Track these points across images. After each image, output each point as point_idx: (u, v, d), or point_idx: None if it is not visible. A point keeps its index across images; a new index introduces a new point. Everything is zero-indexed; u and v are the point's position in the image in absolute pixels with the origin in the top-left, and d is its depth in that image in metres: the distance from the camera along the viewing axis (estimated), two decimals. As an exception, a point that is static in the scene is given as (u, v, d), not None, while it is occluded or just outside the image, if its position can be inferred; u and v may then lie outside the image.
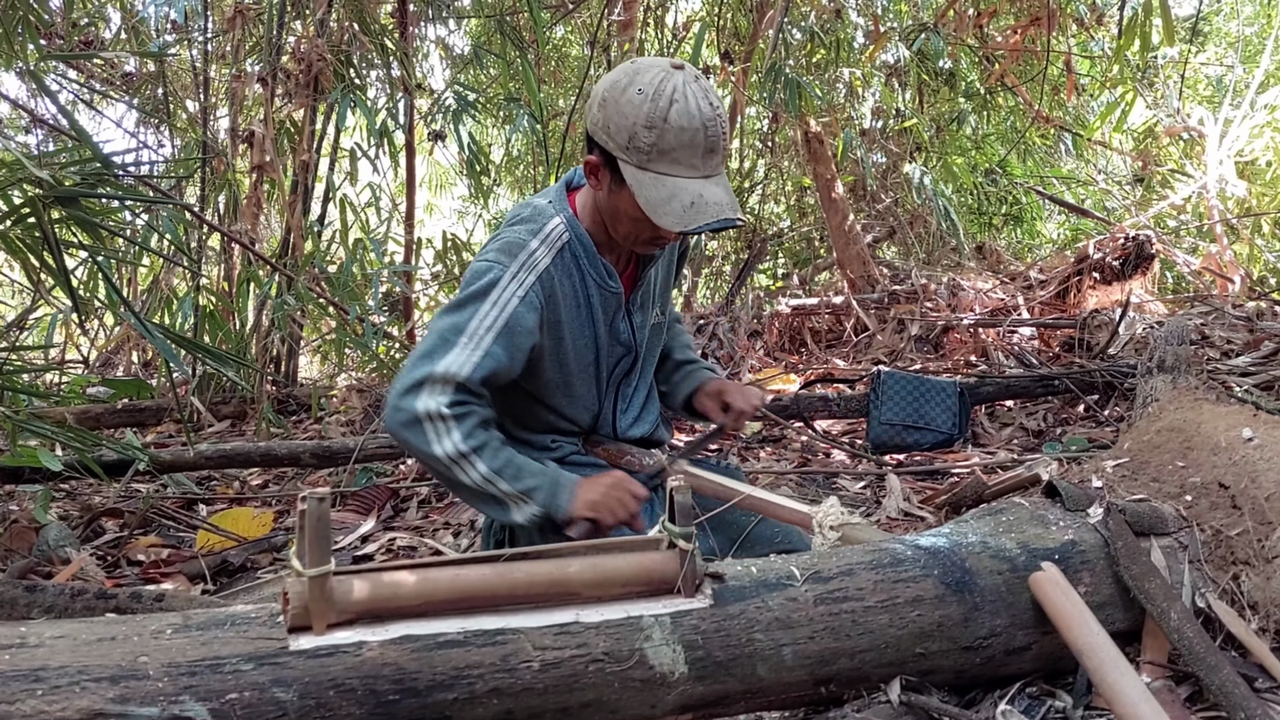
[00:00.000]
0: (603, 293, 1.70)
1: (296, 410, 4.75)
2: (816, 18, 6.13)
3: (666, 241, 1.66)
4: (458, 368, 1.54)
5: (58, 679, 0.90)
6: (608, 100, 1.52)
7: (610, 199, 1.60)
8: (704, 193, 1.51)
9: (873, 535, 1.50)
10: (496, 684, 1.04)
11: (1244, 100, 7.00)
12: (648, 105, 1.48)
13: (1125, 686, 1.12)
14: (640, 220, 1.56)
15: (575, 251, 1.67)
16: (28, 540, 2.53)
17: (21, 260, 2.26)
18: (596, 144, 1.57)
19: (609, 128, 1.52)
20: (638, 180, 1.51)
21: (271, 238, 5.39)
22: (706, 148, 1.52)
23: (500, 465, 1.57)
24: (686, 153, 1.50)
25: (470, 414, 1.57)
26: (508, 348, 1.58)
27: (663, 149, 1.49)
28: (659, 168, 1.50)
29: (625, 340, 1.77)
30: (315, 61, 4.54)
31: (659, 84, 1.49)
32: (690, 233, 1.51)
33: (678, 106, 1.48)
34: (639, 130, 1.48)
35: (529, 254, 1.61)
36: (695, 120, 1.49)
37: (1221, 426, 1.57)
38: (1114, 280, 5.19)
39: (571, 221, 1.68)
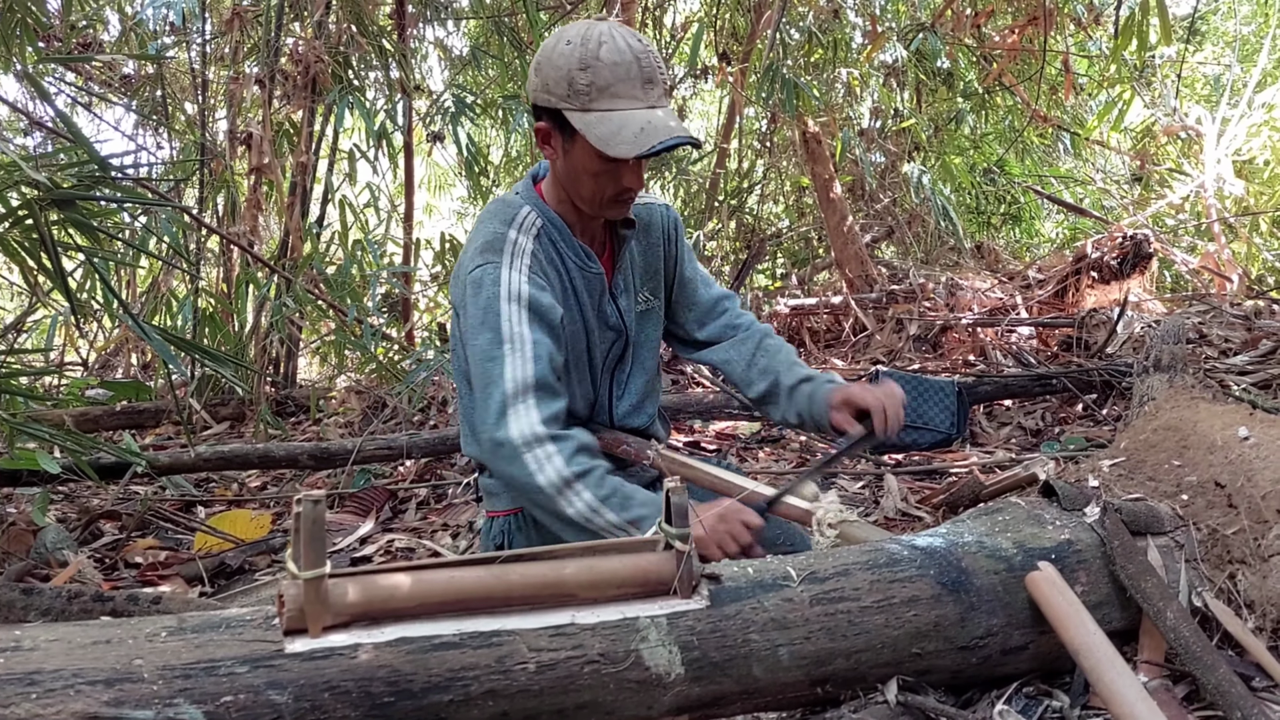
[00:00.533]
0: (585, 275, 1.71)
1: (295, 412, 4.75)
2: (814, 18, 6.14)
3: (633, 195, 1.64)
4: (522, 374, 1.52)
5: (52, 682, 0.90)
6: (541, 62, 1.56)
7: (567, 161, 1.60)
8: (651, 119, 1.52)
9: (872, 534, 1.50)
10: (492, 686, 1.04)
11: (1241, 99, 7.01)
12: (578, 50, 1.52)
13: (1122, 686, 1.12)
14: (600, 173, 1.57)
15: (551, 236, 1.68)
16: (25, 543, 2.53)
17: (19, 263, 2.26)
18: (542, 109, 1.58)
19: (547, 85, 1.55)
20: (584, 122, 1.52)
21: (270, 239, 5.40)
22: (644, 78, 1.54)
23: (607, 494, 1.50)
24: (625, 85, 1.52)
25: (569, 437, 1.53)
26: (544, 329, 1.58)
27: (601, 85, 1.51)
28: (602, 105, 1.52)
29: (614, 324, 1.76)
30: (313, 63, 4.55)
31: (585, 32, 1.53)
32: (645, 155, 1.51)
33: (606, 45, 1.52)
34: (574, 74, 1.51)
35: (512, 243, 1.62)
36: (627, 54, 1.52)
37: (1218, 425, 1.57)
38: (1112, 279, 5.20)
39: (541, 207, 1.69)
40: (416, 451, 3.25)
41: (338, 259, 4.62)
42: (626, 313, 1.78)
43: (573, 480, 1.49)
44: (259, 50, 4.85)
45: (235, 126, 4.90)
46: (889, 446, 3.49)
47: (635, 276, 1.81)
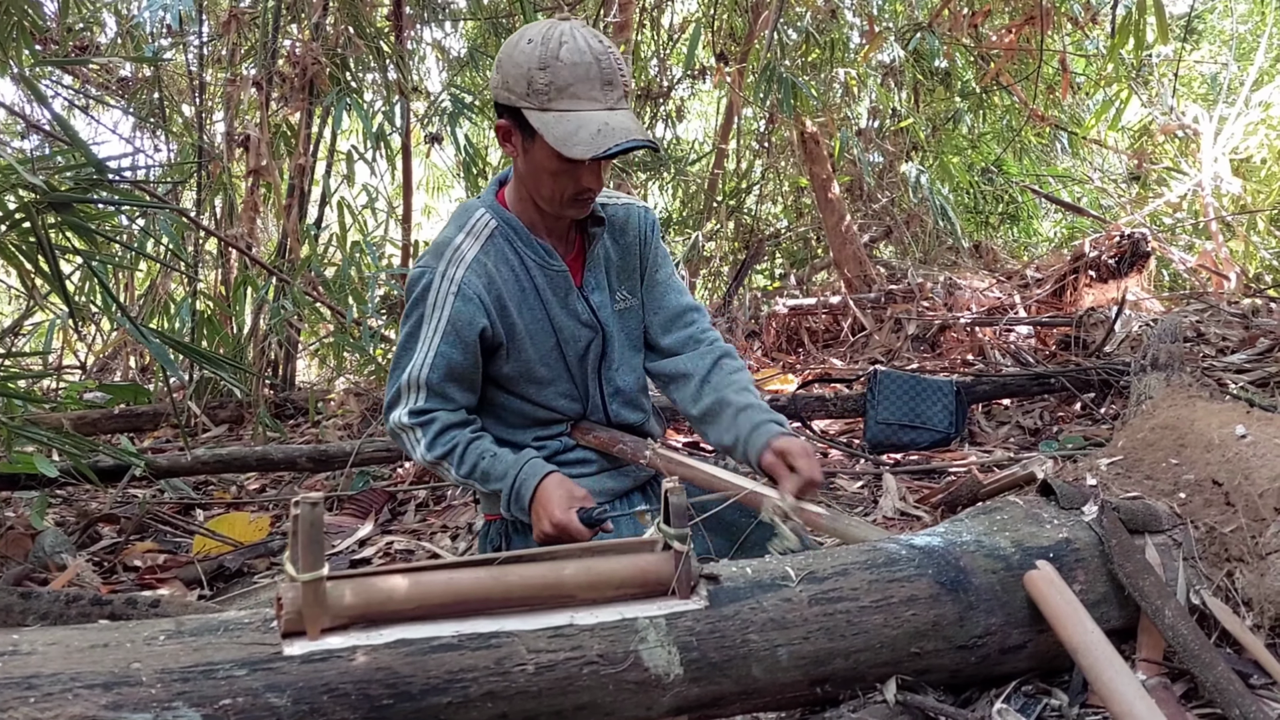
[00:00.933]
0: (547, 273, 1.71)
1: (294, 414, 4.75)
2: (812, 18, 6.14)
3: (592, 195, 1.65)
4: (417, 372, 1.67)
5: (50, 686, 0.90)
6: (502, 60, 1.58)
7: (527, 159, 1.62)
8: (609, 120, 1.53)
9: (847, 526, 1.51)
10: (491, 687, 1.04)
11: (1239, 98, 7.02)
12: (539, 49, 1.53)
13: (1120, 684, 1.13)
14: (559, 173, 1.59)
15: (507, 236, 1.70)
16: (24, 546, 2.53)
17: (17, 266, 2.26)
18: (503, 107, 1.60)
19: (507, 83, 1.56)
20: (543, 121, 1.53)
21: (269, 241, 5.40)
22: (604, 79, 1.54)
23: (468, 469, 1.67)
24: (584, 86, 1.53)
25: (432, 421, 1.68)
26: (456, 344, 1.66)
27: (559, 85, 1.52)
28: (561, 105, 1.53)
29: (588, 320, 1.76)
30: (311, 65, 4.55)
31: (546, 31, 1.54)
32: (601, 157, 1.52)
33: (567, 45, 1.53)
34: (534, 73, 1.52)
35: (454, 249, 1.67)
36: (587, 54, 1.53)
37: (1215, 424, 1.57)
38: (1110, 278, 5.20)
39: (497, 209, 1.71)
40: (415, 453, 3.24)
41: (336, 261, 4.61)
42: (600, 309, 1.78)
43: (437, 462, 1.69)
44: (256, 52, 4.86)
45: (233, 129, 4.90)
46: (889, 446, 3.49)
47: (611, 275, 1.81)
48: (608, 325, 1.79)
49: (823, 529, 1.60)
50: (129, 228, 3.84)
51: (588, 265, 1.77)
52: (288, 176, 4.83)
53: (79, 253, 2.33)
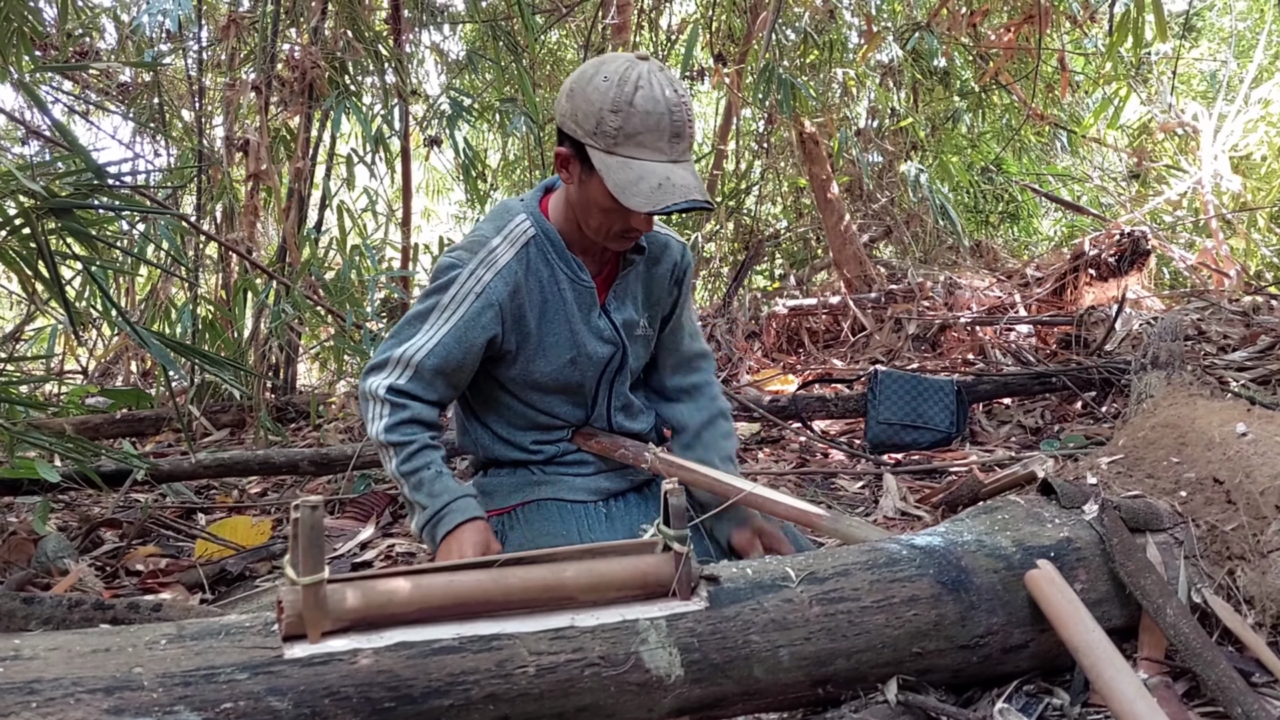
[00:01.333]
0: (576, 287, 1.72)
1: (295, 418, 4.75)
2: (810, 18, 6.14)
3: (638, 234, 1.66)
4: (413, 353, 1.66)
5: (52, 691, 0.90)
6: (575, 90, 1.55)
7: (581, 190, 1.61)
8: (671, 175, 1.53)
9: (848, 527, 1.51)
10: (492, 690, 1.04)
11: (1238, 95, 7.02)
12: (614, 91, 1.51)
13: (1122, 683, 1.13)
14: (611, 210, 1.58)
15: (542, 247, 1.70)
16: (26, 552, 2.53)
17: (17, 272, 2.26)
18: (566, 135, 1.59)
19: (576, 115, 1.55)
20: (605, 164, 1.53)
21: (269, 245, 5.40)
22: (673, 132, 1.54)
23: (409, 469, 1.67)
24: (652, 136, 1.52)
25: (405, 407, 1.67)
26: (460, 340, 1.65)
27: (629, 132, 1.51)
28: (626, 151, 1.52)
29: (610, 337, 1.77)
30: (310, 69, 4.55)
31: (624, 71, 1.52)
32: (658, 213, 1.53)
33: (643, 91, 1.51)
34: (605, 115, 1.51)
35: (489, 250, 1.67)
36: (660, 104, 1.51)
37: (1215, 422, 1.57)
38: (1110, 276, 5.20)
39: (539, 219, 1.71)
40: (416, 456, 3.24)
41: (336, 264, 4.62)
42: (623, 327, 1.78)
43: (387, 445, 1.67)
44: (255, 57, 4.86)
45: (232, 133, 4.90)
46: (890, 446, 3.49)
47: (637, 301, 1.81)
48: (628, 344, 1.80)
49: (823, 530, 1.60)
50: (129, 233, 3.85)
51: (615, 286, 1.77)
52: (287, 180, 4.83)
53: (79, 258, 2.32)
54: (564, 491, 1.81)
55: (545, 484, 1.81)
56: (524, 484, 1.82)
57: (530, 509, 1.79)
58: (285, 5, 4.77)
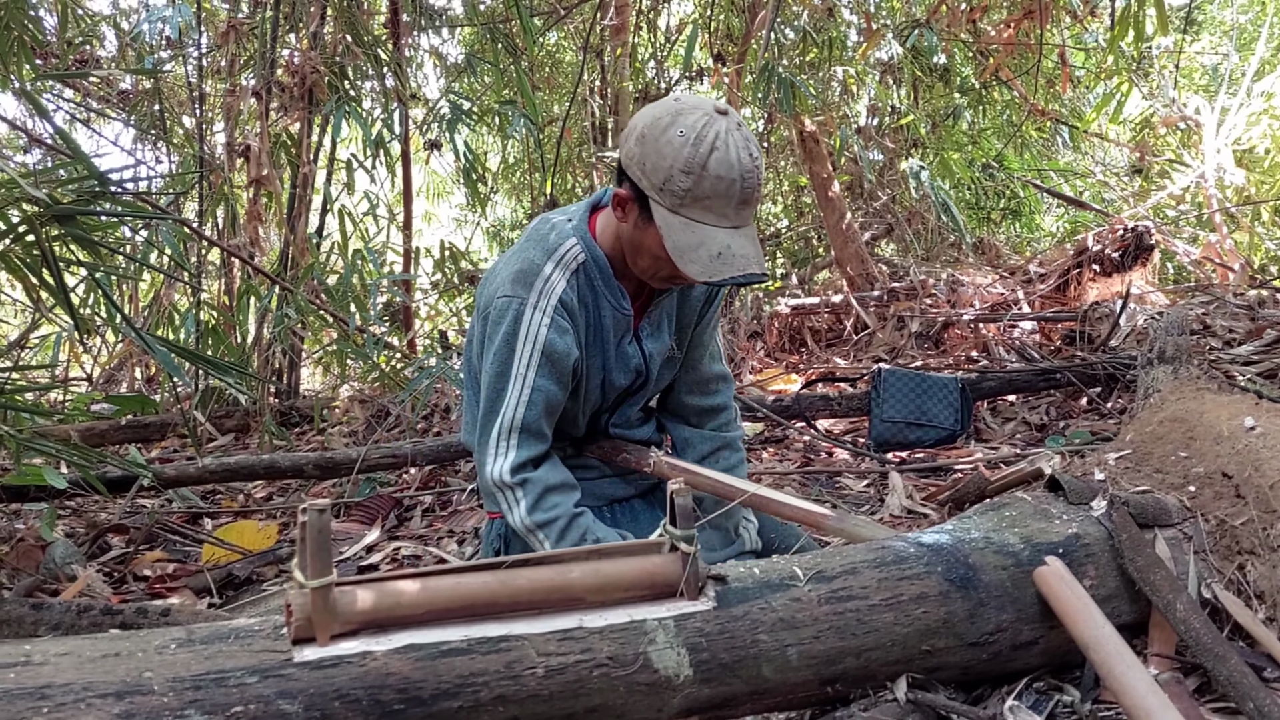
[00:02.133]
0: (615, 314, 1.69)
1: (299, 422, 4.75)
2: (809, 17, 6.14)
3: (683, 282, 1.62)
4: (512, 414, 1.60)
5: (63, 696, 0.90)
6: (647, 137, 1.49)
7: (635, 233, 1.57)
8: (732, 244, 1.48)
9: (854, 526, 1.50)
10: (501, 691, 1.04)
11: (1240, 88, 7.00)
12: (688, 149, 1.45)
13: (1133, 679, 1.12)
14: (661, 259, 1.54)
15: (590, 273, 1.65)
16: (34, 558, 2.53)
17: (21, 279, 2.27)
18: (628, 177, 1.53)
19: (645, 165, 1.49)
20: (668, 223, 1.48)
21: (271, 250, 5.40)
22: (741, 199, 1.49)
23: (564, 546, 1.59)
24: (721, 202, 1.48)
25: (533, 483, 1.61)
26: (551, 375, 1.60)
27: (697, 195, 1.46)
28: (691, 214, 1.48)
29: (636, 365, 1.74)
30: (309, 74, 4.56)
31: (702, 128, 1.46)
32: (714, 284, 1.51)
33: (718, 155, 1.45)
34: (676, 174, 1.46)
35: (545, 280, 1.61)
36: (734, 170, 1.46)
37: (1224, 416, 1.56)
38: (1114, 272, 5.19)
39: (589, 244, 1.66)
40: (421, 459, 3.25)
41: (338, 268, 4.62)
42: (651, 358, 1.76)
43: (534, 529, 1.61)
44: (255, 62, 4.86)
45: (233, 139, 4.91)
46: (894, 444, 3.49)
47: (667, 326, 1.79)
48: (653, 372, 1.78)
49: (829, 529, 1.60)
50: (132, 239, 3.85)
51: (650, 312, 1.75)
52: (289, 185, 4.83)
53: (83, 265, 2.33)
54: None
55: None
56: None
57: None
58: (284, 11, 4.78)
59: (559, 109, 7.34)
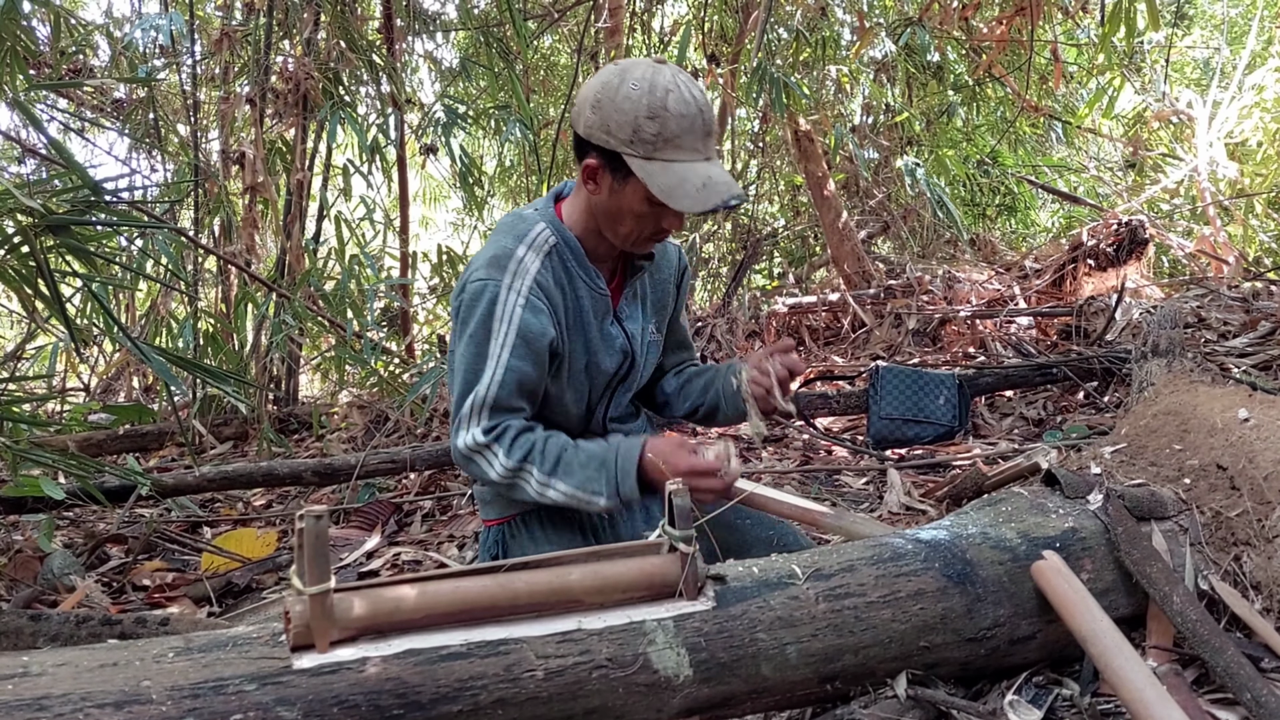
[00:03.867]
0: (593, 295, 1.71)
1: (298, 429, 4.75)
2: (802, 16, 6.15)
3: (666, 236, 1.66)
4: (484, 392, 1.59)
5: (61, 706, 0.90)
6: (602, 101, 1.54)
7: (612, 199, 1.60)
8: (711, 174, 1.54)
9: (852, 523, 1.51)
10: (501, 694, 1.04)
11: (1232, 82, 7.02)
12: (646, 97, 1.51)
13: (1131, 672, 1.12)
14: (644, 215, 1.59)
15: (563, 255, 1.68)
16: (32, 569, 2.53)
17: (17, 290, 2.27)
18: (593, 146, 1.58)
19: (608, 126, 1.54)
20: (647, 171, 1.53)
21: (268, 257, 5.41)
22: (705, 130, 1.55)
23: (551, 465, 1.58)
24: (690, 137, 1.53)
25: (504, 429, 1.61)
26: (526, 356, 1.61)
27: (667, 136, 1.52)
28: (666, 155, 1.53)
29: (622, 347, 1.76)
30: (304, 80, 4.56)
31: (651, 77, 1.52)
32: (708, 212, 1.54)
33: (674, 95, 1.52)
34: (642, 121, 1.51)
35: (518, 262, 1.63)
36: (693, 106, 1.53)
37: (1217, 408, 1.57)
38: (1109, 266, 5.20)
39: (558, 227, 1.69)
40: (420, 464, 3.25)
41: (335, 274, 4.62)
42: (634, 338, 1.78)
43: (518, 468, 1.59)
44: (249, 69, 4.87)
45: (228, 146, 4.91)
46: (893, 441, 3.49)
47: (646, 307, 1.82)
48: (638, 353, 1.79)
49: (828, 527, 1.60)
50: (128, 248, 3.85)
51: (625, 294, 1.78)
52: (284, 192, 4.84)
53: (78, 275, 2.33)
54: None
55: None
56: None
57: (531, 517, 1.79)
58: (278, 18, 4.78)
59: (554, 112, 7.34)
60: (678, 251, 1.89)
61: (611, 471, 1.56)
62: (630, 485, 1.55)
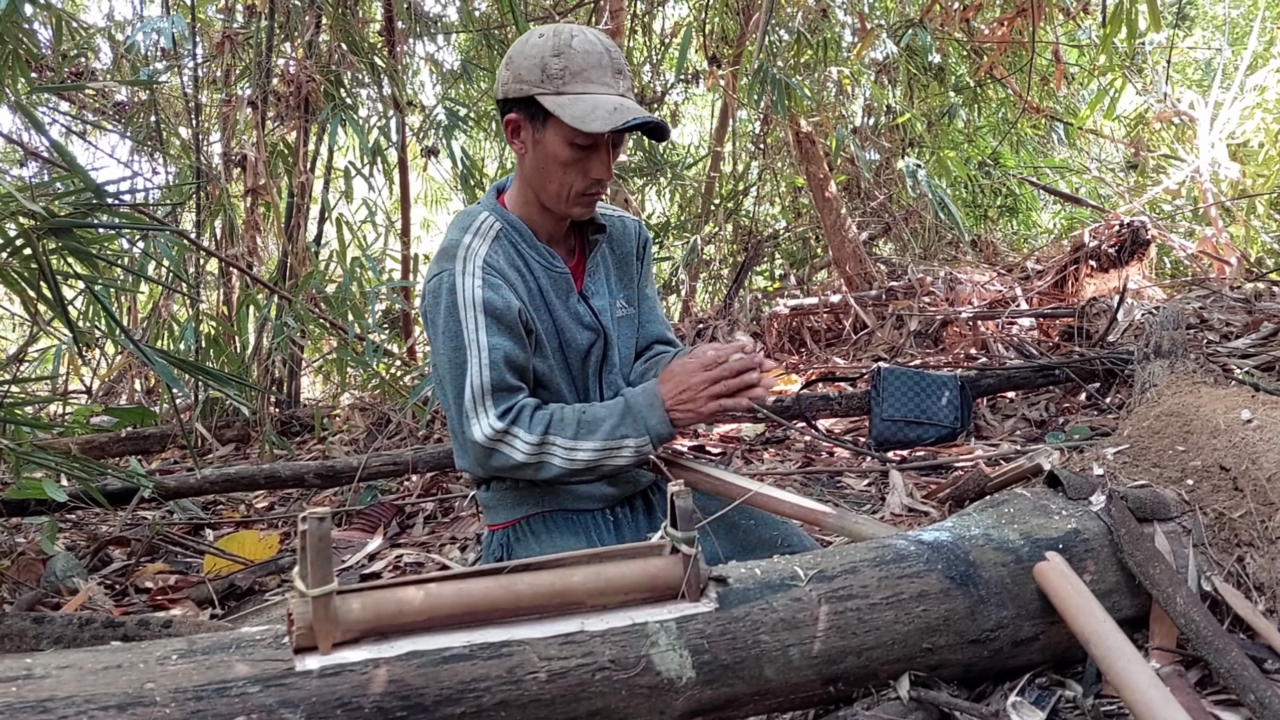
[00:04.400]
0: (550, 274, 1.72)
1: (300, 431, 4.76)
2: (803, 18, 6.15)
3: (600, 190, 1.68)
4: (478, 380, 1.59)
5: (64, 709, 0.90)
6: (512, 57, 1.62)
7: (537, 151, 1.63)
8: (622, 104, 1.57)
9: (854, 524, 1.50)
10: (504, 696, 1.04)
11: (1233, 82, 7.01)
12: (550, 39, 1.58)
13: (1134, 673, 1.12)
14: (570, 164, 1.61)
15: (511, 238, 1.71)
16: (35, 572, 2.53)
17: (19, 293, 2.27)
18: (512, 102, 1.62)
19: (520, 74, 1.59)
20: (558, 104, 1.56)
21: (269, 260, 5.41)
22: (615, 68, 1.60)
23: (573, 430, 1.59)
24: (597, 72, 1.58)
25: (520, 409, 1.61)
26: (502, 332, 1.61)
27: (574, 70, 1.57)
28: (575, 88, 1.57)
29: (590, 323, 1.77)
30: (305, 83, 4.57)
31: (556, 28, 1.61)
32: (619, 129, 1.55)
33: (578, 37, 1.59)
34: (548, 59, 1.57)
35: (465, 248, 1.65)
36: (597, 45, 1.60)
37: (1220, 409, 1.57)
38: (1111, 267, 5.20)
39: (501, 212, 1.72)
40: (422, 466, 3.25)
41: (337, 277, 4.63)
42: (602, 313, 1.79)
43: (541, 441, 1.59)
44: (251, 72, 4.87)
45: (230, 149, 4.92)
46: (895, 443, 3.49)
47: (610, 281, 1.83)
48: (609, 329, 1.80)
49: (830, 528, 1.60)
50: (130, 251, 3.86)
51: (588, 271, 1.79)
52: (286, 194, 4.84)
53: (81, 277, 2.33)
54: (568, 501, 1.78)
55: (548, 495, 1.78)
56: (526, 496, 1.78)
57: (536, 521, 1.78)
58: (279, 20, 4.79)
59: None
60: (637, 224, 1.90)
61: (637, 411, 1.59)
62: (659, 417, 1.58)
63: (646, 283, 1.93)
